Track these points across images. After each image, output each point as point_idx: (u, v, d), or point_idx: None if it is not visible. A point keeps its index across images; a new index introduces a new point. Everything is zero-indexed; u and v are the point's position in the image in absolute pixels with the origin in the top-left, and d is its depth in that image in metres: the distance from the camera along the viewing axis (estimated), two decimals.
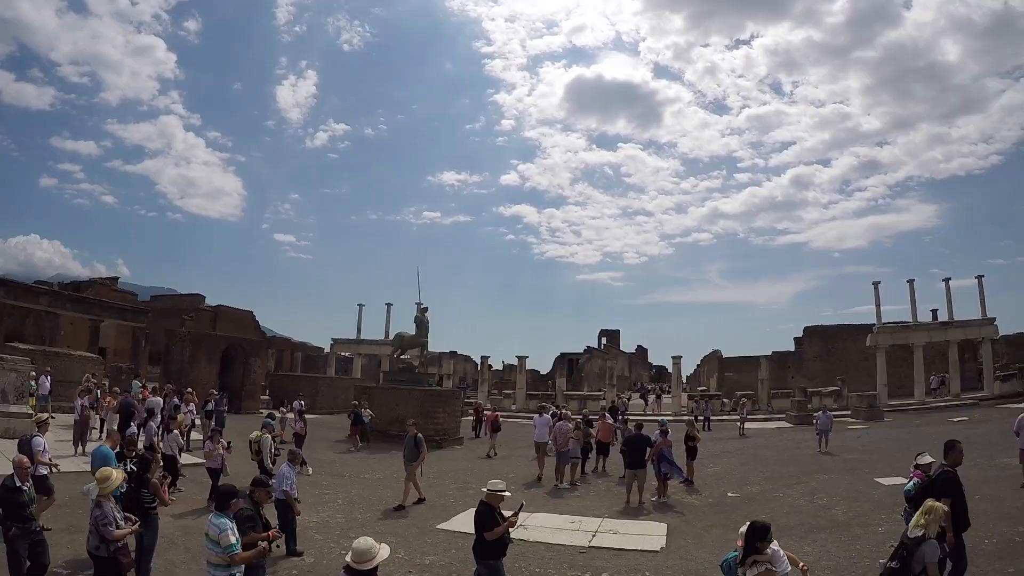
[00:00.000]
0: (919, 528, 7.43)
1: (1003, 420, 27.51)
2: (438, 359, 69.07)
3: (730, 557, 7.44)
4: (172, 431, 18.56)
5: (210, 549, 7.65)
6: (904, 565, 7.40)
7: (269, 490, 9.57)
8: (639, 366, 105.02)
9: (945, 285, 52.64)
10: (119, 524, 8.53)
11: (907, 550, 7.44)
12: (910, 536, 7.52)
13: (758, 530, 7.07)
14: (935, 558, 7.29)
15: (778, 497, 18.82)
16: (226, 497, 8.04)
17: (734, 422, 39.44)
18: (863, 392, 46.40)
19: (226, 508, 7.93)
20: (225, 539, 7.55)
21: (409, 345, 36.55)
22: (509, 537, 9.73)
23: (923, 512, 7.57)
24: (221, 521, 7.68)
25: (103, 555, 8.40)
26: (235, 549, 7.61)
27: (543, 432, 22.96)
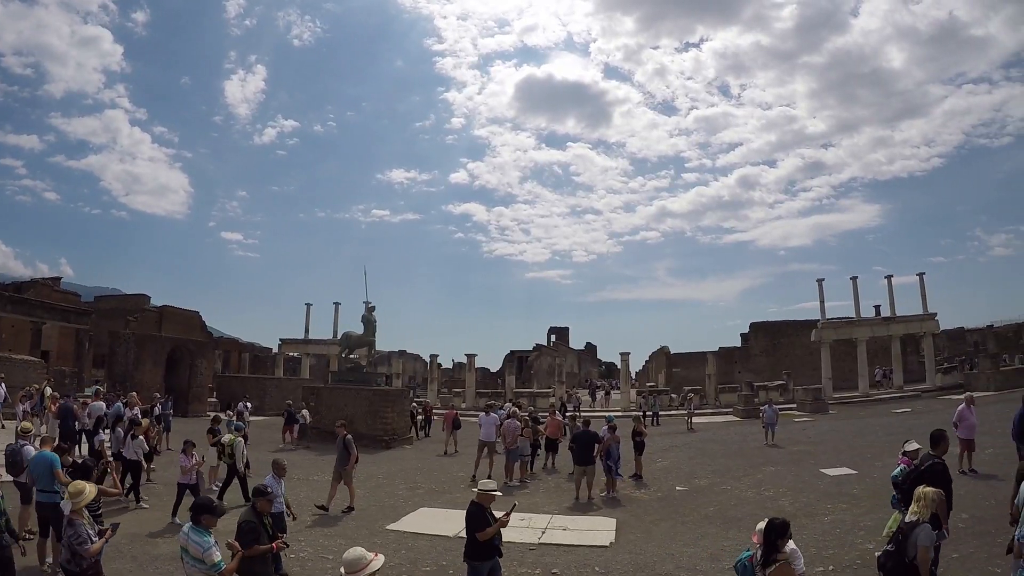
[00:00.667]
0: (915, 514, 7.57)
1: (944, 411, 28.03)
2: (387, 358, 68.87)
3: (744, 557, 7.45)
4: (137, 436, 18.20)
5: (192, 566, 7.50)
6: (900, 549, 7.53)
7: (271, 498, 9.21)
8: (588, 363, 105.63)
9: (887, 282, 53.97)
10: (92, 539, 8.25)
11: (903, 534, 7.59)
12: (906, 521, 7.67)
13: (777, 527, 7.02)
14: (927, 542, 7.37)
15: (726, 490, 19.01)
16: (201, 511, 7.81)
17: (682, 417, 39.73)
18: (808, 386, 47.12)
19: (200, 523, 7.70)
20: (210, 558, 7.39)
21: (357, 344, 36.25)
22: (501, 539, 9.63)
23: (916, 499, 7.70)
24: (204, 539, 7.50)
25: (75, 570, 8.16)
26: (222, 566, 7.49)
27: (490, 431, 22.82)
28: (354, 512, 16.92)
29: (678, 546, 13.42)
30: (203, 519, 7.72)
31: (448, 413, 31.17)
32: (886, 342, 53.50)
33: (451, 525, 15.09)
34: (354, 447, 17.88)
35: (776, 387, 49.88)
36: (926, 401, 43.29)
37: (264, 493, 9.08)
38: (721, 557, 12.39)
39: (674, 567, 12.00)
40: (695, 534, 14.36)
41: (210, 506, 7.95)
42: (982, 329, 71.59)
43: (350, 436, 18.09)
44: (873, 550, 12.11)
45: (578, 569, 12.09)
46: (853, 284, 53.99)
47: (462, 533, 14.56)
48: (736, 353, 65.13)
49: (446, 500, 18.65)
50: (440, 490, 20.21)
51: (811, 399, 43.80)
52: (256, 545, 8.28)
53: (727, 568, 11.76)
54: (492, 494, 9.50)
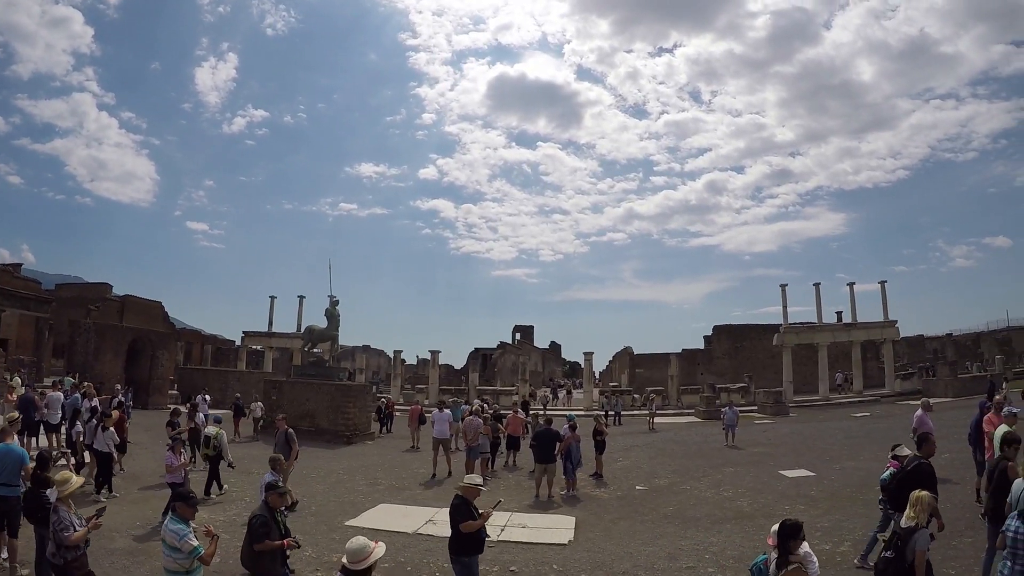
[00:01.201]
0: (911, 519, 7.59)
1: (903, 416, 28.38)
2: (351, 353, 68.57)
3: (759, 560, 7.52)
4: (107, 428, 17.93)
5: (168, 556, 7.47)
6: (899, 554, 7.54)
7: (282, 492, 9.13)
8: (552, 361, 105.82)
9: (850, 289, 54.85)
10: (76, 528, 8.15)
11: (901, 539, 7.60)
12: (903, 526, 7.68)
13: (789, 529, 6.99)
14: (925, 546, 7.46)
15: (685, 490, 19.10)
16: (175, 499, 7.88)
17: (644, 417, 39.85)
18: (770, 388, 47.64)
19: (175, 512, 7.71)
20: (187, 544, 7.39)
21: (320, 338, 36.05)
22: (486, 533, 9.62)
23: (912, 504, 7.74)
24: (179, 527, 7.50)
25: (59, 563, 8.07)
26: (200, 551, 7.48)
27: (443, 428, 22.73)
28: (314, 508, 16.79)
29: (636, 545, 13.47)
30: (178, 507, 7.74)
31: (413, 409, 31.05)
32: (847, 347, 54.34)
33: (410, 521, 15.09)
34: (296, 442, 17.50)
35: (738, 389, 50.28)
36: (885, 406, 43.94)
37: (276, 487, 9.04)
38: (679, 556, 12.47)
39: (632, 566, 12.02)
40: (653, 533, 14.42)
41: (186, 495, 7.96)
42: (941, 337, 73.05)
43: (292, 430, 17.68)
44: (830, 551, 12.30)
45: (536, 567, 12.09)
46: (816, 290, 54.84)
47: (421, 529, 14.63)
48: (699, 355, 65.59)
49: (406, 496, 18.60)
50: (400, 486, 20.14)
51: (772, 402, 44.31)
52: (267, 541, 8.24)
53: (685, 567, 11.86)
54: (477, 488, 9.50)
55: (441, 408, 23.84)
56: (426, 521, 15.18)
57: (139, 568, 11.17)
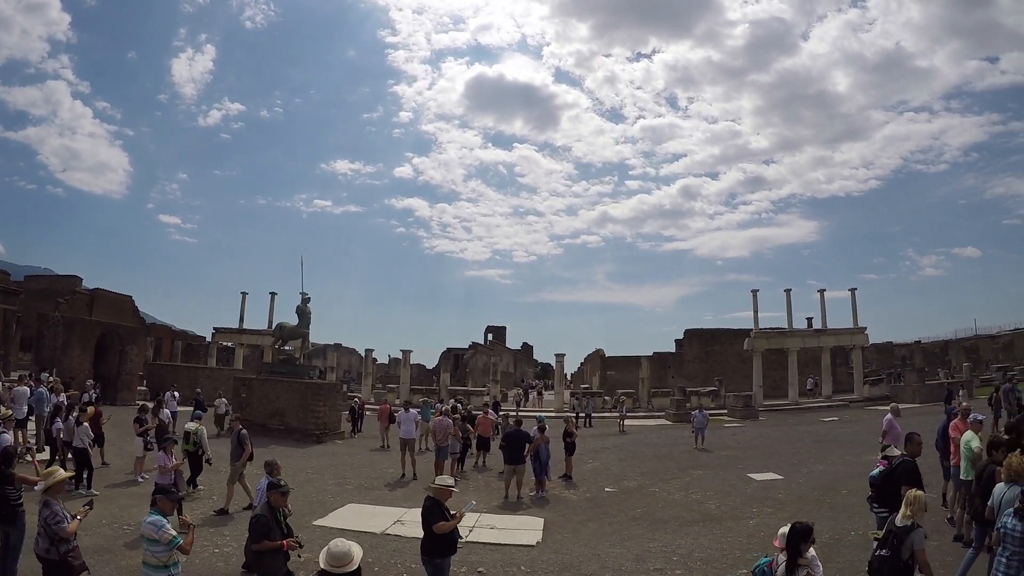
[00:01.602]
0: (907, 518, 7.67)
1: (871, 421, 28.69)
2: (323, 351, 68.24)
3: (762, 563, 7.43)
4: (82, 423, 17.70)
5: (147, 549, 7.43)
6: (895, 552, 7.61)
7: (284, 491, 8.90)
8: (524, 363, 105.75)
9: (820, 296, 56.28)
10: (68, 520, 8.06)
11: (896, 538, 7.67)
12: (899, 525, 7.73)
13: (801, 532, 6.97)
14: (923, 544, 7.55)
15: (654, 492, 19.18)
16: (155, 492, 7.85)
17: (615, 419, 40.01)
18: (740, 392, 47.96)
19: (155, 505, 7.68)
20: (164, 536, 7.33)
21: (290, 336, 35.73)
22: (459, 534, 9.59)
23: (907, 503, 7.80)
24: (156, 519, 7.45)
25: (53, 558, 7.96)
26: (178, 541, 7.42)
27: (410, 428, 22.51)
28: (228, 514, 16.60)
29: (604, 547, 13.48)
30: (158, 500, 7.72)
31: (382, 408, 30.90)
32: (817, 353, 54.88)
33: (378, 521, 15.03)
34: (248, 442, 16.97)
35: (708, 393, 50.46)
36: (853, 411, 44.46)
37: (278, 487, 8.90)
38: (647, 558, 12.49)
39: (599, 567, 12.03)
40: (622, 535, 14.45)
41: (167, 489, 8.01)
42: (910, 344, 74.06)
43: (245, 431, 17.29)
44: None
45: (504, 568, 12.08)
46: (787, 296, 55.50)
47: (389, 530, 14.56)
48: (670, 358, 65.81)
49: (375, 496, 18.53)
50: (369, 486, 20.05)
51: (742, 405, 44.61)
52: (266, 540, 8.14)
53: (652, 569, 11.88)
54: (448, 489, 9.45)
55: (407, 408, 23.65)
56: (394, 521, 15.12)
57: (104, 567, 11.02)
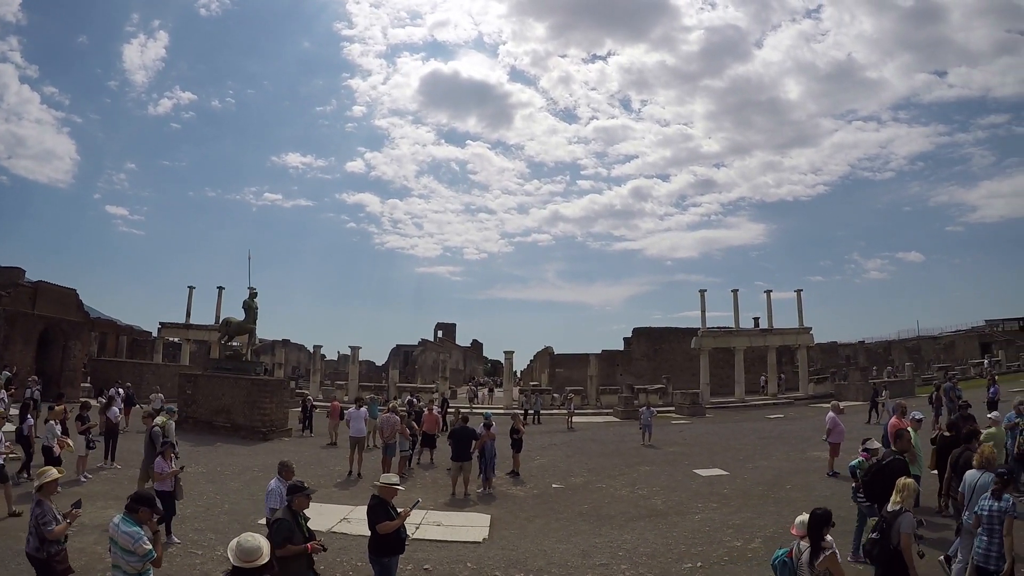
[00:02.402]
0: (897, 504, 8.14)
1: (815, 418, 29.13)
2: (271, 347, 67.58)
3: (781, 554, 7.66)
4: (48, 421, 17.30)
5: (119, 556, 7.27)
6: (884, 536, 8.03)
7: (308, 493, 8.68)
8: (474, 360, 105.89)
9: (767, 296, 57.43)
10: (58, 521, 8.01)
11: (886, 522, 8.10)
12: (889, 510, 8.20)
13: (822, 517, 7.23)
14: (910, 528, 7.91)
15: (601, 488, 19.29)
16: (138, 502, 7.56)
17: (563, 416, 40.13)
18: (687, 390, 48.29)
19: (136, 514, 7.45)
20: (141, 548, 7.20)
21: (237, 331, 35.21)
22: (406, 533, 9.52)
23: (898, 490, 8.31)
24: (134, 530, 7.27)
25: (42, 557, 7.89)
26: (153, 555, 7.32)
27: (360, 426, 22.36)
28: (227, 506, 16.49)
29: (551, 542, 13.54)
30: (141, 511, 7.48)
31: (333, 406, 30.63)
32: (763, 352, 56.04)
33: (324, 520, 14.90)
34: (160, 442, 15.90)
35: (656, 390, 50.79)
36: (798, 408, 45.21)
37: (301, 489, 8.66)
38: (592, 553, 12.58)
39: (546, 563, 12.09)
40: (568, 531, 14.53)
41: (151, 500, 7.73)
42: (854, 344, 75.88)
43: (157, 428, 16.60)
44: (742, 548, 12.60)
45: (450, 565, 12.09)
46: (734, 296, 56.20)
47: (336, 528, 14.48)
48: (618, 356, 66.20)
49: (321, 495, 18.25)
50: (316, 484, 19.81)
51: (689, 403, 45.04)
52: (289, 545, 7.95)
53: (598, 564, 11.95)
54: (394, 488, 9.39)
55: (358, 406, 23.50)
56: (340, 519, 15.07)
57: None
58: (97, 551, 11.59)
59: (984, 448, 10.13)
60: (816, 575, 7.05)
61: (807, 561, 7.14)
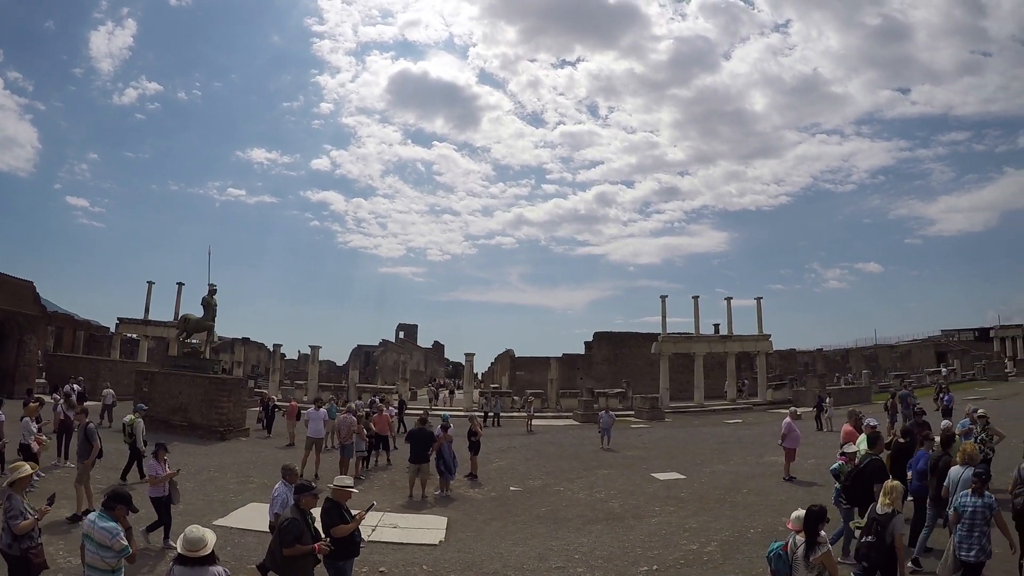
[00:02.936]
0: (888, 506, 8.67)
1: (772, 423, 29.41)
2: (231, 345, 66.90)
3: (776, 547, 7.93)
4: (24, 418, 16.97)
5: (94, 553, 7.29)
6: (880, 538, 8.56)
7: (316, 493, 8.78)
8: (435, 361, 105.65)
9: (727, 303, 57.96)
10: (26, 516, 7.94)
11: (880, 524, 8.62)
12: (880, 512, 8.71)
13: (819, 514, 7.65)
14: (901, 529, 8.68)
15: (558, 491, 19.34)
16: (116, 500, 7.59)
17: (523, 419, 40.18)
18: (647, 395, 48.49)
19: (113, 511, 7.49)
20: (118, 544, 7.28)
21: (195, 328, 34.74)
22: (361, 536, 9.45)
23: (886, 492, 8.83)
24: (111, 525, 7.34)
25: (15, 553, 7.82)
26: (129, 550, 7.42)
27: (318, 427, 22.20)
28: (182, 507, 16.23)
29: (507, 545, 13.56)
30: (118, 509, 7.55)
31: (291, 406, 30.40)
32: (722, 358, 56.57)
33: None
34: (97, 439, 15.84)
35: (616, 394, 50.96)
36: (757, 414, 45.74)
37: (309, 489, 8.77)
38: (548, 556, 12.59)
39: (502, 566, 12.10)
40: (525, 533, 14.55)
41: (128, 498, 7.80)
42: (812, 352, 76.93)
43: (93, 425, 16.18)
44: (698, 551, 12.69)
45: (406, 568, 12.05)
46: (695, 303, 56.73)
47: None
48: (579, 360, 66.27)
49: None
50: (272, 484, 19.57)
51: (648, 407, 45.27)
52: (298, 544, 8.02)
53: (554, 567, 11.97)
54: (348, 490, 9.31)
55: (317, 406, 23.32)
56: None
57: None
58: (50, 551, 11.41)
59: (966, 446, 10.75)
60: (811, 568, 7.39)
61: (803, 555, 7.47)
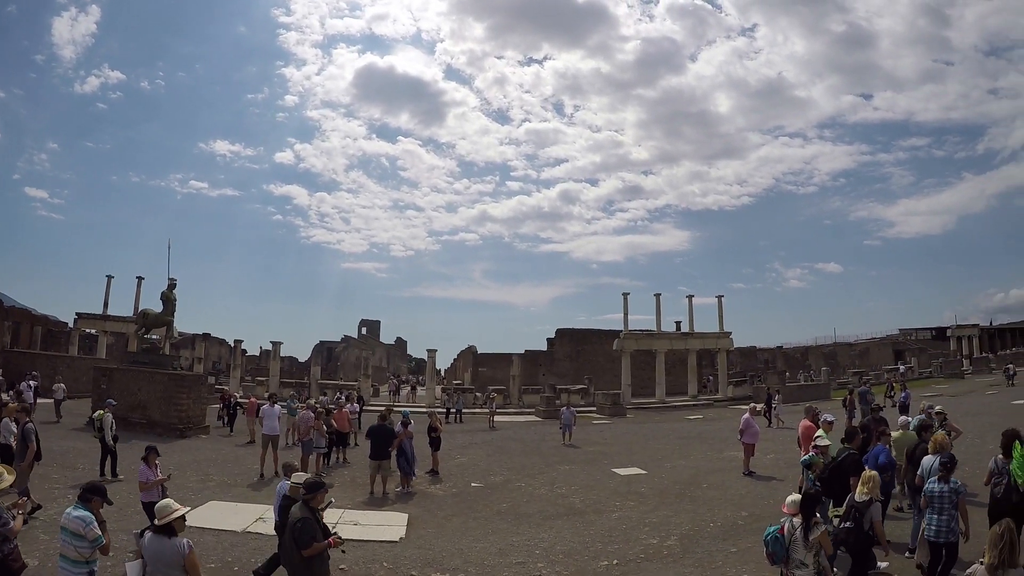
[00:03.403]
0: (866, 494, 9.10)
1: (733, 419, 29.67)
2: (191, 341, 66.16)
3: (773, 530, 8.41)
4: (3, 419, 16.65)
5: (68, 543, 7.36)
6: (858, 524, 9.05)
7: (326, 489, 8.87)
8: (398, 357, 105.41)
9: (689, 301, 58.90)
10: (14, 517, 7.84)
11: (859, 511, 9.10)
12: (858, 500, 9.16)
13: (815, 497, 8.59)
14: (880, 516, 9.23)
15: (520, 487, 19.44)
16: (92, 492, 7.72)
17: (485, 415, 40.21)
18: (609, 391, 48.75)
19: (89, 503, 7.60)
20: (92, 532, 7.37)
21: (154, 324, 34.30)
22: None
23: (864, 482, 9.26)
24: (84, 514, 7.44)
25: None
26: (102, 541, 7.49)
27: (273, 424, 21.79)
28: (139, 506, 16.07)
29: (468, 541, 13.58)
30: (94, 501, 7.69)
31: (251, 402, 30.11)
32: (683, 355, 57.12)
33: (240, 519, 14.76)
34: (35, 438, 15.37)
35: (578, 391, 51.18)
36: (717, 410, 46.29)
37: (320, 485, 8.81)
38: (509, 552, 12.65)
39: (462, 562, 12.13)
40: (486, 529, 14.60)
41: (104, 491, 7.96)
42: (773, 349, 77.95)
43: (31, 424, 15.69)
44: (658, 545, 12.81)
45: (366, 565, 12.00)
46: (657, 300, 57.45)
47: (251, 528, 14.31)
48: (542, 356, 66.47)
49: (237, 494, 18.08)
50: (232, 483, 19.55)
51: (610, 403, 45.54)
52: (315, 543, 8.07)
53: (515, 562, 12.02)
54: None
55: (272, 402, 23.09)
56: (256, 519, 14.82)
57: None
58: None
59: (937, 436, 11.29)
60: (810, 547, 7.92)
61: (801, 536, 8.01)
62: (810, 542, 7.92)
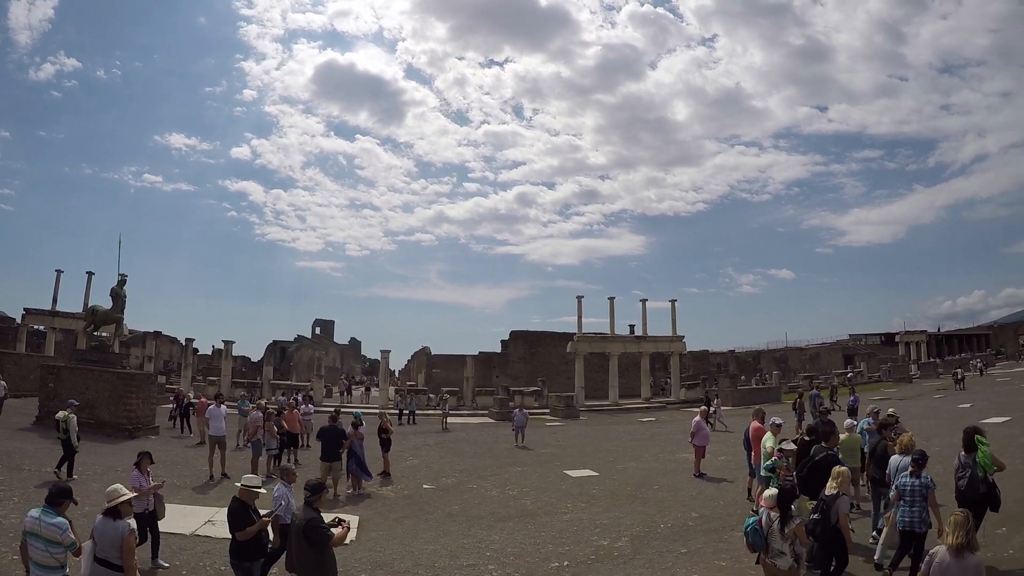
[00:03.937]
0: (834, 488, 9.70)
1: (684, 421, 29.92)
2: (142, 339, 65.24)
3: (752, 522, 9.06)
4: None
5: (43, 551, 7.27)
6: (825, 516, 9.58)
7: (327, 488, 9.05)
8: (352, 358, 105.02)
9: (642, 305, 58.99)
10: None
11: (826, 504, 9.62)
12: (827, 494, 9.72)
13: (791, 492, 9.22)
14: (846, 509, 9.67)
15: (472, 489, 19.44)
16: (62, 495, 7.62)
17: (438, 417, 40.11)
18: (562, 393, 48.99)
19: (59, 506, 7.51)
20: (67, 538, 7.34)
21: (103, 321, 33.73)
22: (268, 537, 9.40)
23: (833, 477, 9.93)
24: (59, 520, 7.38)
25: None
26: (76, 546, 7.47)
27: (219, 425, 21.43)
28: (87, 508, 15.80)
29: (419, 544, 13.56)
30: (63, 503, 7.61)
31: (201, 403, 29.75)
32: (637, 358, 57.49)
33: (188, 522, 14.59)
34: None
35: (532, 393, 51.36)
36: (670, 412, 46.73)
37: (321, 487, 9.05)
38: (460, 554, 12.66)
39: (413, 564, 12.11)
40: (437, 532, 14.57)
41: (70, 491, 7.86)
42: (725, 353, 78.89)
43: None
44: (608, 546, 12.94)
45: None
46: (611, 304, 58.41)
47: (200, 531, 14.18)
48: (496, 358, 66.56)
49: (185, 496, 17.86)
50: (181, 484, 19.30)
51: (563, 405, 45.79)
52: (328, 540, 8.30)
53: (466, 565, 12.05)
54: (255, 490, 9.18)
55: (218, 403, 22.82)
56: (205, 522, 14.68)
57: None
58: None
59: (903, 437, 11.91)
60: (787, 538, 8.58)
61: (778, 528, 8.65)
62: (786, 533, 8.59)
